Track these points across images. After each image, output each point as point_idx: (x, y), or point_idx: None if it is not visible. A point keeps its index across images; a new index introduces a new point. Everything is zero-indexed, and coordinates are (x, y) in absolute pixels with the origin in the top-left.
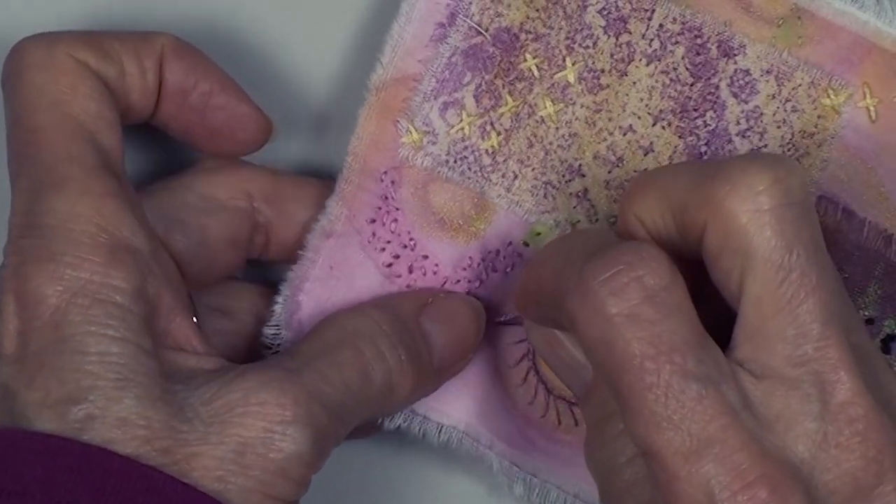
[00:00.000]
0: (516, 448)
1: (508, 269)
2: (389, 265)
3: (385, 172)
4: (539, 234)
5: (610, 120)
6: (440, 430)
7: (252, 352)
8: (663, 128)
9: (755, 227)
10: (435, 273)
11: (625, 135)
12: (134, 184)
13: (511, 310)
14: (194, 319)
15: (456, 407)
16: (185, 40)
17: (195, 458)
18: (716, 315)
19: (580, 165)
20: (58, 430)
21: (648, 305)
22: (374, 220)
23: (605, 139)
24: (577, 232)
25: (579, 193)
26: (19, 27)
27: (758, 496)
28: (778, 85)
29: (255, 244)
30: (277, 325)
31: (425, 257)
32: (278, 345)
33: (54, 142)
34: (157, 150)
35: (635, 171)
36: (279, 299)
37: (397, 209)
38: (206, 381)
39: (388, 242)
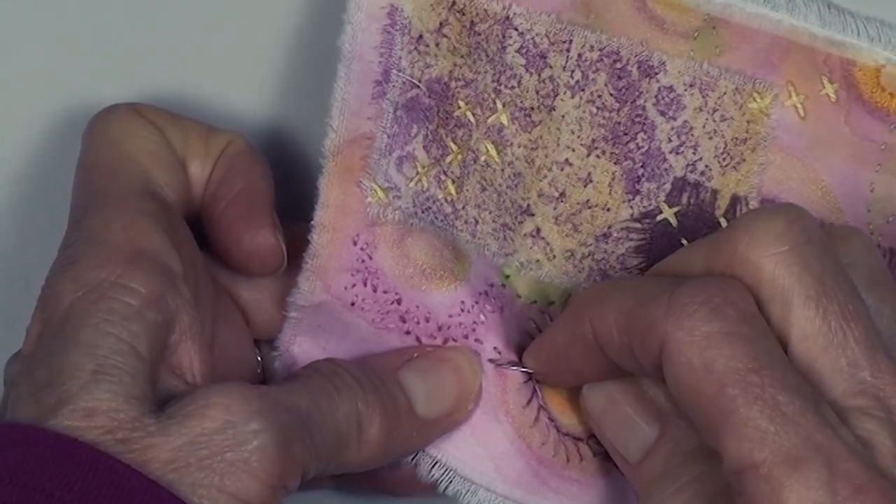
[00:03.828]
0: (528, 490)
1: (502, 309)
2: (381, 320)
3: (358, 235)
4: (508, 276)
5: (546, 156)
6: (433, 466)
7: None
8: (598, 156)
9: (784, 269)
10: (427, 320)
11: (562, 169)
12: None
13: (513, 352)
14: (258, 363)
15: (459, 448)
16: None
17: (152, 448)
18: None
19: (528, 205)
20: (34, 414)
21: (746, 325)
22: (353, 285)
23: (545, 176)
24: (620, 280)
25: (533, 233)
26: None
27: (868, 502)
28: (703, 97)
29: None
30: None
31: (416, 307)
32: None
33: (104, 174)
34: None
35: (578, 204)
36: (275, 355)
37: (377, 270)
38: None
39: (374, 302)
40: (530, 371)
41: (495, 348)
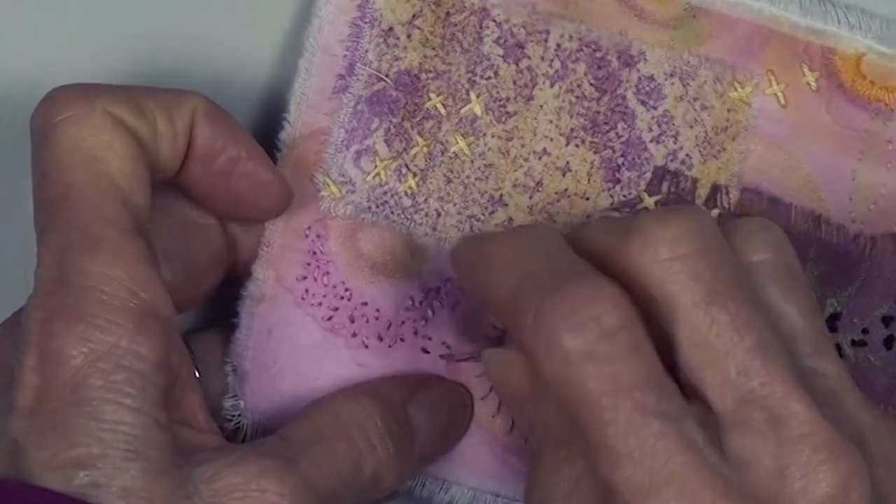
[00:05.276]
0: (498, 479)
1: (454, 306)
2: (329, 318)
3: (309, 228)
4: None
5: (523, 146)
6: None
7: None
8: (577, 146)
9: (671, 276)
10: (377, 318)
11: (540, 158)
12: None
13: (464, 347)
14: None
15: None
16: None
17: None
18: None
19: (501, 195)
20: (65, 490)
21: (606, 343)
22: (305, 277)
23: (521, 166)
24: (531, 236)
25: (505, 223)
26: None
27: None
28: (683, 86)
29: (227, 261)
30: (235, 396)
31: (364, 304)
32: (238, 415)
33: (88, 200)
34: None
35: (556, 194)
36: (228, 370)
37: (328, 262)
38: (207, 460)
39: (324, 296)
40: (476, 359)
41: (444, 343)
